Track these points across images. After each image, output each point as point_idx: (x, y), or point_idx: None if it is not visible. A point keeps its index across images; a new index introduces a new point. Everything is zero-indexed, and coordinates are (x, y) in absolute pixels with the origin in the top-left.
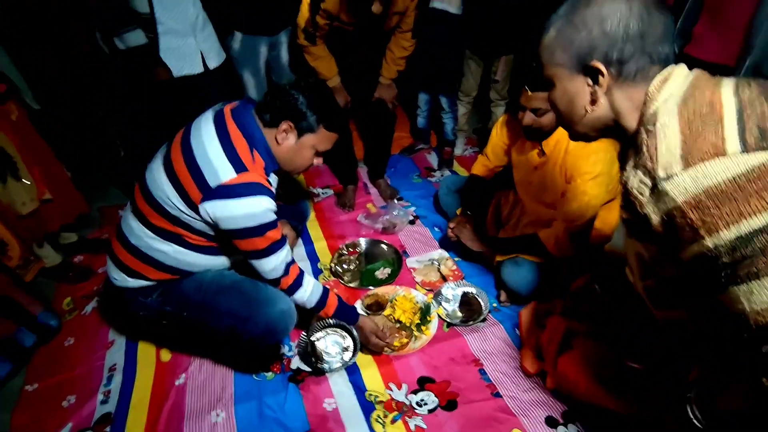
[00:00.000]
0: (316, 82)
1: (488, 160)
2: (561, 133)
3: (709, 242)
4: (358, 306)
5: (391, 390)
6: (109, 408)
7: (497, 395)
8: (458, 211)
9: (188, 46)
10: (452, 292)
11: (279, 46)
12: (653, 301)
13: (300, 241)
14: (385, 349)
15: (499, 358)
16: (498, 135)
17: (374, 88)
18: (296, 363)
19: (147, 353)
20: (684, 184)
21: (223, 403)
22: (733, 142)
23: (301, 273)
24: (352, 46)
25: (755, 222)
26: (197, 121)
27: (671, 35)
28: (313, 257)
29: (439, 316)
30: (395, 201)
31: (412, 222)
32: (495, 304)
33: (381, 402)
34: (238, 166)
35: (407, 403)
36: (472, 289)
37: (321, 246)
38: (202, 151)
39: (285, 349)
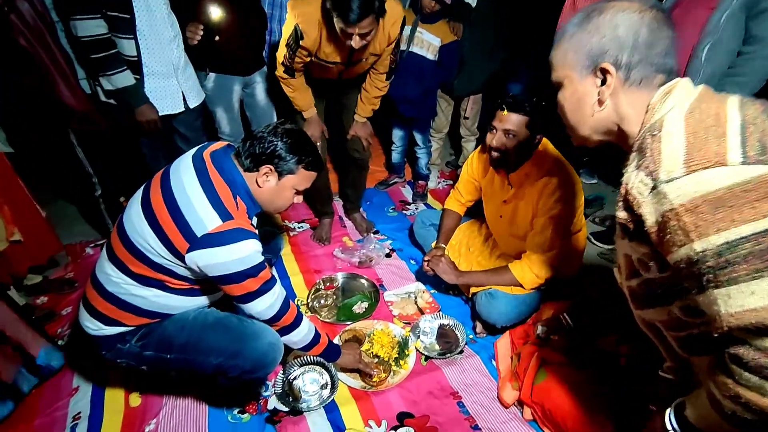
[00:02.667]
0: (292, 127)
1: (460, 194)
2: (527, 169)
3: (698, 246)
4: (336, 341)
5: (371, 427)
6: None
7: (476, 428)
8: (433, 245)
9: (171, 86)
10: (429, 324)
11: (253, 86)
12: (635, 300)
13: (276, 275)
14: (364, 384)
15: (477, 390)
16: (469, 170)
17: (350, 124)
18: (273, 403)
19: (114, 399)
20: (684, 188)
21: None
22: (735, 153)
23: (299, 312)
24: (330, 85)
25: (744, 230)
26: (176, 166)
27: (675, 51)
28: (289, 292)
29: (417, 349)
30: (371, 234)
31: (388, 255)
32: (471, 336)
33: None
34: (224, 214)
35: None
36: (448, 322)
37: (297, 281)
38: (185, 200)
39: (262, 389)
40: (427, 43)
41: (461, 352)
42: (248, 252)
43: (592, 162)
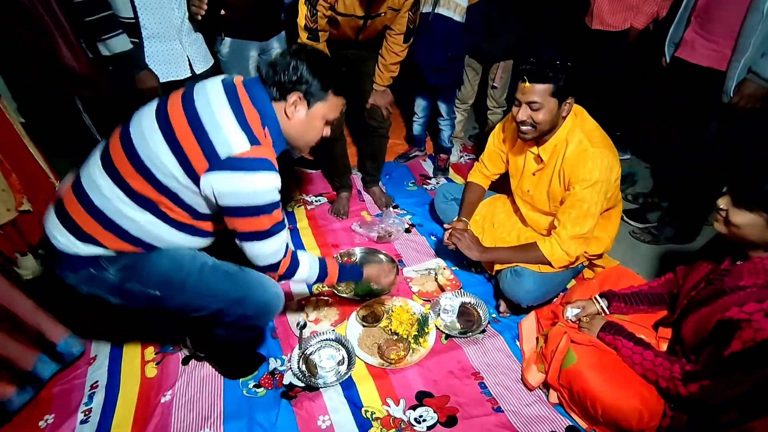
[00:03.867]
0: (315, 49)
1: (485, 167)
2: (558, 139)
3: None
4: (353, 318)
5: (389, 406)
6: (89, 428)
7: (498, 410)
8: (455, 220)
9: (174, 50)
10: (450, 302)
11: (270, 52)
12: None
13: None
14: (382, 362)
15: (500, 371)
16: (495, 142)
17: (369, 93)
18: (289, 378)
19: (131, 369)
20: None
21: (211, 422)
22: None
23: (294, 251)
24: (348, 49)
25: None
26: (201, 86)
27: None
28: None
29: (437, 327)
30: (390, 209)
31: (407, 230)
32: (494, 315)
33: (378, 418)
34: (252, 138)
35: (405, 419)
36: (470, 300)
37: (314, 255)
38: (210, 117)
39: (277, 364)
40: (454, 3)
41: (483, 331)
42: (270, 185)
43: (624, 136)
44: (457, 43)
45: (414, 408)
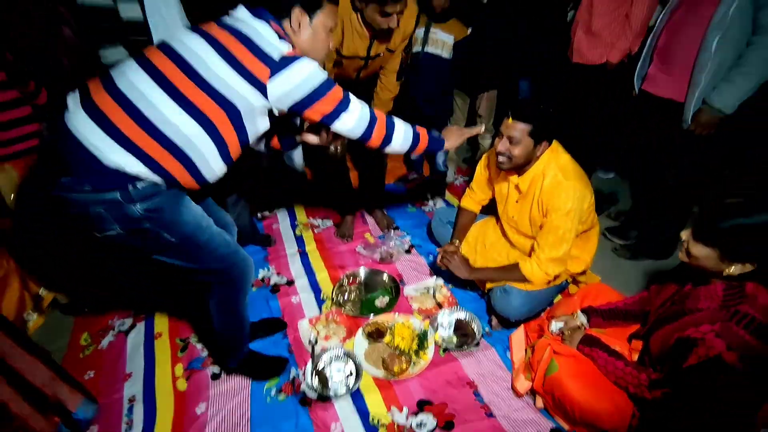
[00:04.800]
0: None
1: (475, 193)
2: (535, 172)
3: None
4: (359, 334)
5: (393, 413)
6: None
7: (491, 415)
8: (449, 243)
9: None
10: (447, 318)
11: None
12: None
13: (303, 271)
14: (386, 374)
15: (492, 380)
16: (481, 171)
17: None
18: (304, 389)
19: (164, 384)
20: None
21: (240, 429)
22: None
23: (389, 117)
24: (349, 86)
25: None
26: (224, 17)
27: None
28: (315, 288)
29: (435, 341)
30: (391, 231)
31: (408, 251)
32: (487, 329)
33: (384, 425)
34: (287, 45)
35: (408, 425)
36: (465, 315)
37: (323, 276)
38: (253, 31)
39: (296, 374)
40: (441, 42)
41: (477, 344)
42: (317, 65)
43: (608, 157)
44: (447, 77)
45: (415, 415)
